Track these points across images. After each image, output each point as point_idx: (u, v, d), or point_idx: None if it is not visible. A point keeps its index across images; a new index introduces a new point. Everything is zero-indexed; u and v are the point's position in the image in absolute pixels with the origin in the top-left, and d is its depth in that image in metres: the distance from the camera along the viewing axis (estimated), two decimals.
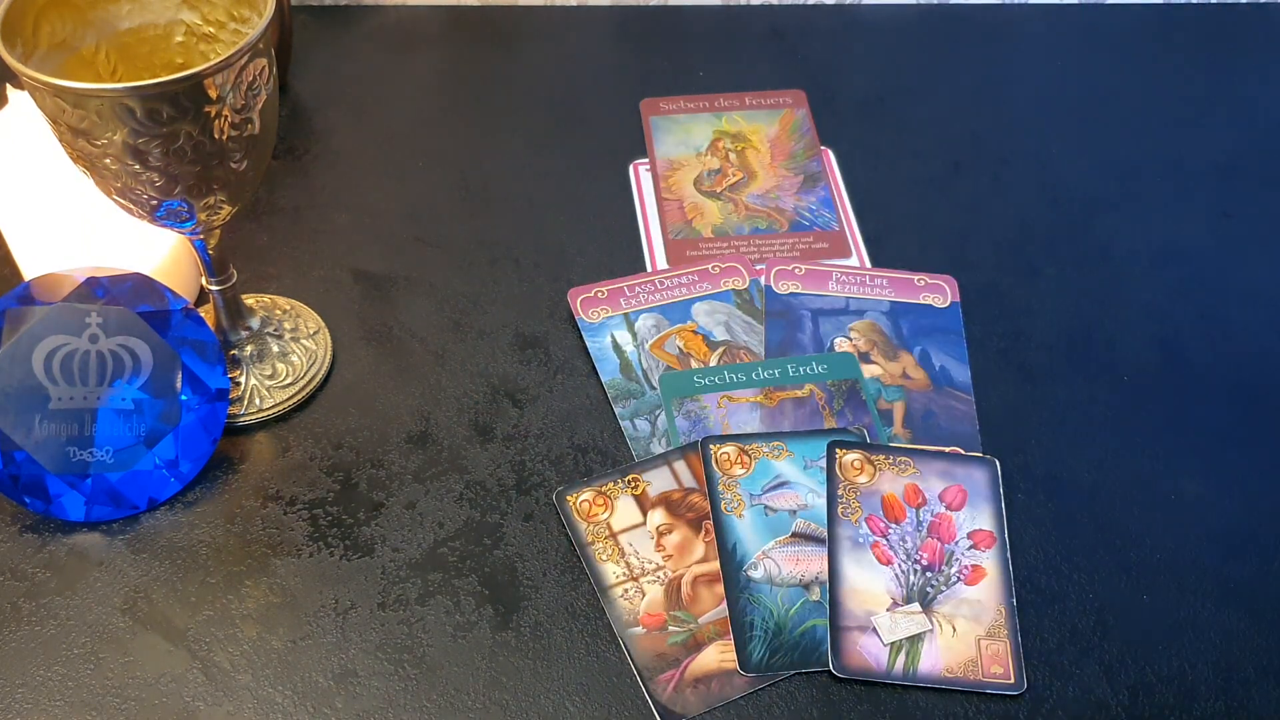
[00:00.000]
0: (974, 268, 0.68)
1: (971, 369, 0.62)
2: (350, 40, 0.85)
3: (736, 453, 0.57)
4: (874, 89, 0.81)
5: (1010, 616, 0.52)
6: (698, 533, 0.55)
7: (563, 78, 0.82)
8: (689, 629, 0.52)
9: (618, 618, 0.52)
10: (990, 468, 0.57)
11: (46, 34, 0.51)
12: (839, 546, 0.54)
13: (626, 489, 0.57)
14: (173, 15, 0.54)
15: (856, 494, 0.56)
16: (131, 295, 0.56)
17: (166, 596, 0.53)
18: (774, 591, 0.53)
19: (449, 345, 0.64)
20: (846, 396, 0.60)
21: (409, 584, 0.54)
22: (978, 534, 0.55)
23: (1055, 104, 0.80)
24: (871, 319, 0.65)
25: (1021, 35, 0.86)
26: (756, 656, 0.51)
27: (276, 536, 0.55)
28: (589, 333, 0.64)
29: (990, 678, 0.50)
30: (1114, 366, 0.63)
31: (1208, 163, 0.75)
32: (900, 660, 0.51)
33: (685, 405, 0.60)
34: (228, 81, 0.48)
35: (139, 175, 0.49)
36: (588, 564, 0.54)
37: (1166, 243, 0.70)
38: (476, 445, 0.59)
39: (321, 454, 0.59)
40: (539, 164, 0.75)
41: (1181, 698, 0.50)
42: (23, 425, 0.54)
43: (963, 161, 0.75)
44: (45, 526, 0.56)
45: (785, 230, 0.70)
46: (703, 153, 0.76)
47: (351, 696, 0.50)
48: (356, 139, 0.77)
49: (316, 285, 0.67)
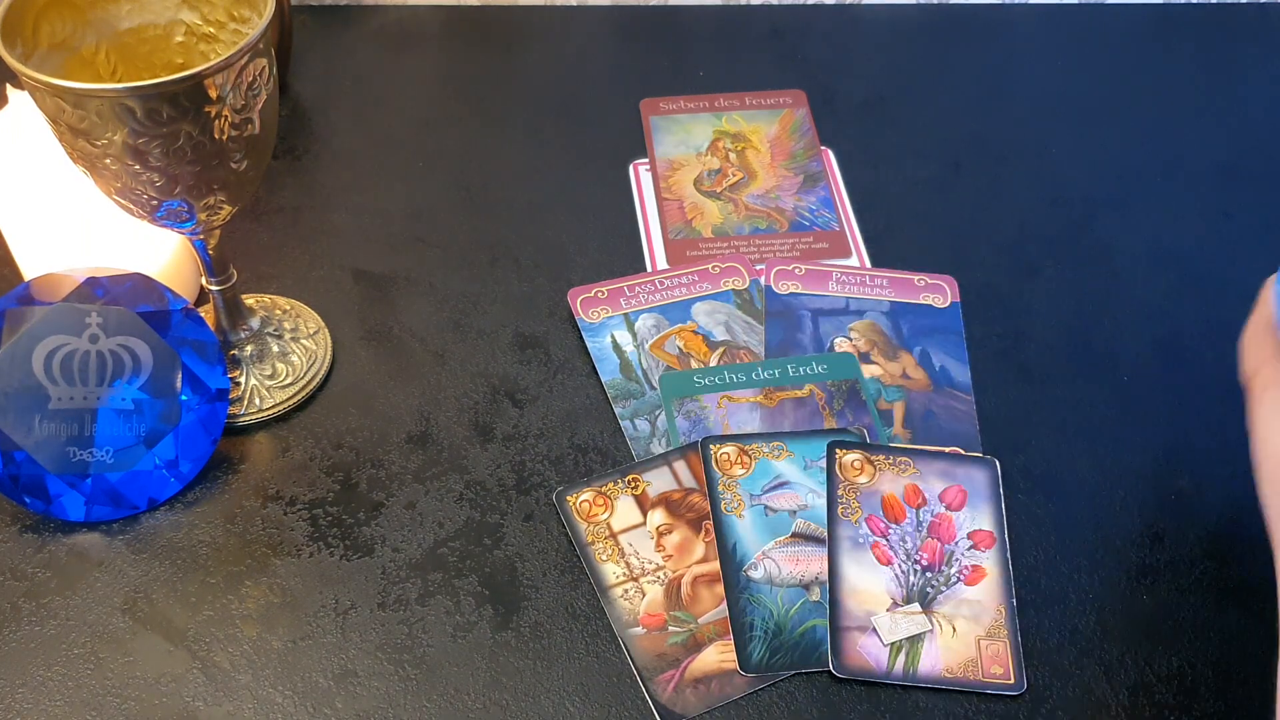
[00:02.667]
0: (974, 268, 0.68)
1: (971, 369, 0.62)
2: (350, 40, 0.85)
3: (736, 453, 0.57)
4: (874, 89, 0.81)
5: (1010, 616, 0.52)
6: (698, 533, 0.55)
7: (563, 78, 0.82)
8: (689, 629, 0.52)
9: (618, 618, 0.52)
10: (990, 468, 0.57)
11: (46, 34, 0.51)
12: (839, 547, 0.54)
13: (626, 489, 0.57)
14: (173, 15, 0.54)
15: (856, 494, 0.56)
16: (131, 295, 0.56)
17: (166, 596, 0.53)
18: (774, 591, 0.53)
19: (449, 345, 0.64)
20: (846, 397, 0.60)
21: (409, 584, 0.54)
22: (978, 534, 0.55)
23: (1055, 104, 0.80)
24: (871, 319, 0.65)
25: (1021, 35, 0.86)
26: (756, 657, 0.51)
27: (276, 536, 0.55)
28: (589, 333, 0.64)
29: (990, 678, 0.50)
30: (1114, 366, 0.63)
31: (1208, 163, 0.75)
32: (900, 660, 0.51)
33: (685, 405, 0.60)
34: (228, 81, 0.48)
35: (139, 175, 0.49)
36: (588, 564, 0.54)
37: (1166, 243, 0.70)
38: (476, 445, 0.59)
39: (321, 454, 0.59)
40: (539, 164, 0.75)
41: (1181, 698, 0.50)
42: (23, 425, 0.54)
43: (963, 161, 0.75)
44: (45, 526, 0.56)
45: (785, 230, 0.70)
46: (703, 153, 0.76)
47: (351, 696, 0.50)
48: (356, 139, 0.77)
49: (316, 285, 0.67)
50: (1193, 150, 0.76)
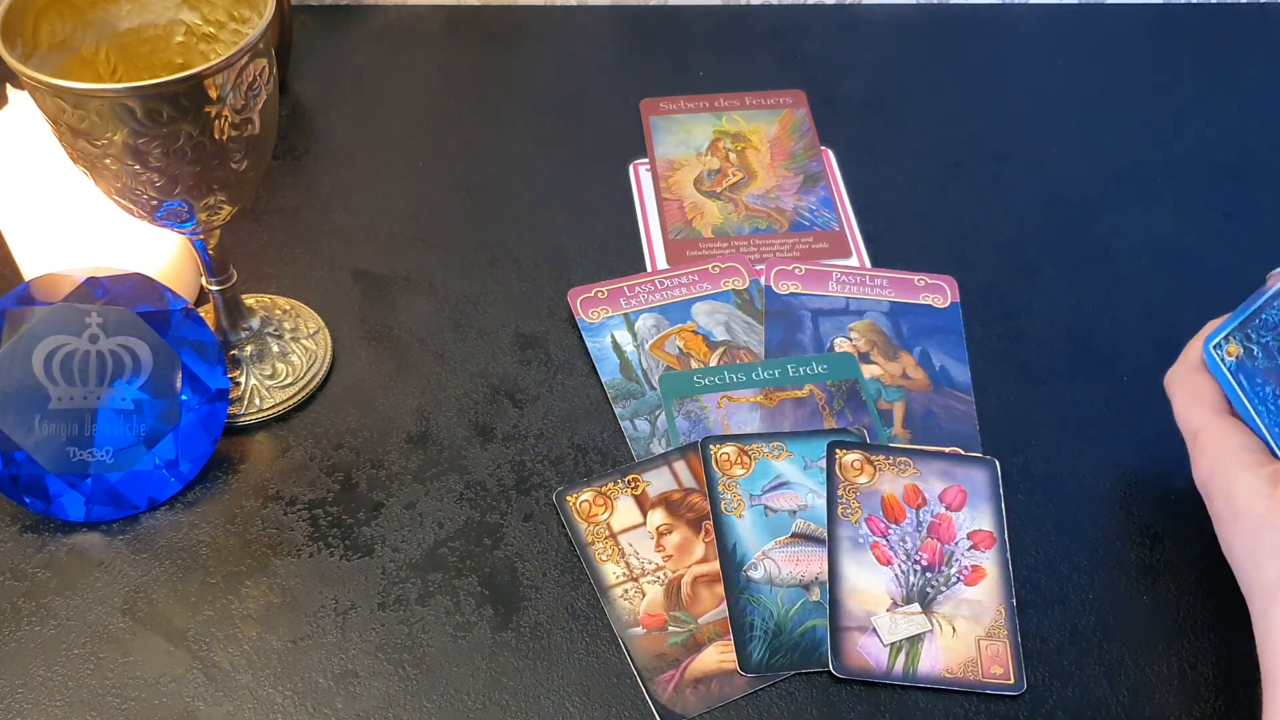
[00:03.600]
0: (974, 268, 0.68)
1: (971, 369, 0.62)
2: (350, 40, 0.85)
3: (736, 453, 0.57)
4: (874, 89, 0.81)
5: (1010, 617, 0.52)
6: (697, 533, 0.55)
7: (563, 78, 0.82)
8: (689, 629, 0.52)
9: (618, 618, 0.52)
10: (990, 468, 0.57)
11: (46, 34, 0.51)
12: (839, 547, 0.54)
13: (626, 489, 0.57)
14: (173, 15, 0.54)
15: (856, 494, 0.56)
16: (131, 295, 0.56)
17: (166, 596, 0.53)
18: (774, 592, 0.53)
19: (449, 345, 0.64)
20: (846, 397, 0.60)
21: (409, 584, 0.54)
22: (978, 534, 0.55)
23: (1055, 104, 0.80)
24: (871, 319, 0.65)
25: (1021, 35, 0.86)
26: (756, 657, 0.51)
27: (276, 536, 0.55)
28: (589, 333, 0.64)
29: (990, 678, 0.50)
30: (1114, 366, 0.63)
31: (1208, 163, 0.75)
32: (900, 661, 0.51)
33: (685, 405, 0.60)
34: (228, 81, 0.48)
35: (139, 175, 0.49)
36: (588, 564, 0.54)
37: (1166, 243, 0.70)
38: (476, 445, 0.59)
39: (321, 454, 0.59)
40: (539, 164, 0.75)
41: (1181, 698, 0.50)
42: (23, 425, 0.54)
43: (963, 161, 0.75)
44: (45, 526, 0.56)
45: (785, 230, 0.70)
46: (703, 153, 0.76)
47: (351, 697, 0.50)
48: (356, 139, 0.77)
49: (316, 285, 0.67)
50: (1193, 150, 0.76)
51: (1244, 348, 0.48)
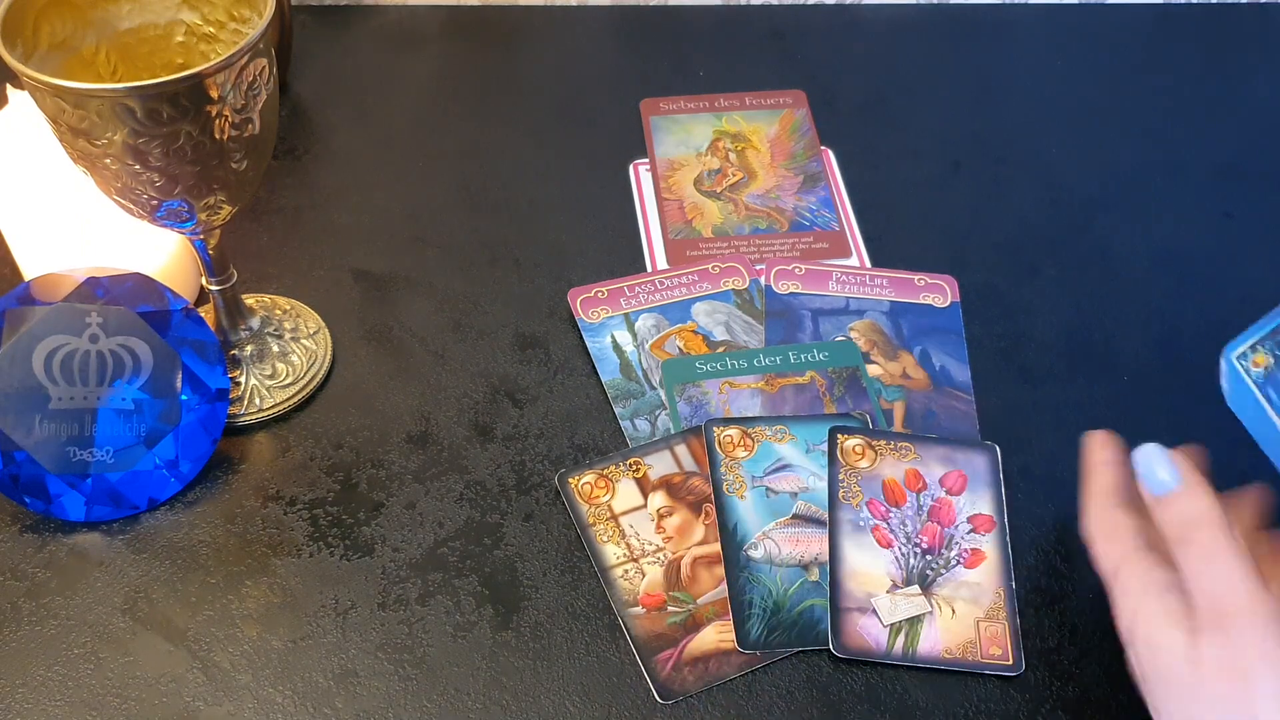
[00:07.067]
0: (974, 268, 0.68)
1: (971, 369, 0.62)
2: (350, 40, 0.85)
3: (739, 435, 0.58)
4: (874, 89, 0.81)
5: (1009, 599, 0.52)
6: (697, 515, 0.55)
7: (563, 78, 0.82)
8: (688, 609, 0.52)
9: (618, 598, 0.53)
10: (990, 453, 0.57)
11: (46, 34, 0.51)
12: (840, 530, 0.54)
13: (628, 472, 0.57)
14: (173, 15, 0.54)
15: (858, 478, 0.56)
16: (131, 295, 0.56)
17: (166, 596, 0.53)
18: (773, 571, 0.53)
19: (449, 345, 0.64)
20: (847, 384, 0.61)
21: (409, 584, 0.54)
22: (977, 518, 0.55)
23: (1055, 104, 0.80)
24: (871, 319, 0.65)
25: (1021, 35, 0.86)
26: (754, 634, 0.51)
27: (276, 536, 0.55)
28: (589, 333, 0.64)
29: (988, 659, 0.51)
30: (1114, 366, 0.63)
31: (1208, 163, 0.75)
32: (900, 641, 0.51)
33: (687, 390, 0.60)
34: (228, 81, 0.48)
35: (139, 175, 0.49)
36: (589, 545, 0.54)
37: (1166, 243, 0.70)
38: (476, 445, 0.59)
39: (321, 454, 0.59)
40: (539, 164, 0.75)
41: None
42: (23, 425, 0.54)
43: (963, 161, 0.76)
44: (45, 526, 0.56)
45: (785, 230, 0.70)
46: (703, 153, 0.76)
47: (351, 696, 0.50)
48: (356, 139, 0.77)
49: (316, 285, 0.67)
50: (1193, 150, 0.76)
51: (1274, 357, 0.45)
